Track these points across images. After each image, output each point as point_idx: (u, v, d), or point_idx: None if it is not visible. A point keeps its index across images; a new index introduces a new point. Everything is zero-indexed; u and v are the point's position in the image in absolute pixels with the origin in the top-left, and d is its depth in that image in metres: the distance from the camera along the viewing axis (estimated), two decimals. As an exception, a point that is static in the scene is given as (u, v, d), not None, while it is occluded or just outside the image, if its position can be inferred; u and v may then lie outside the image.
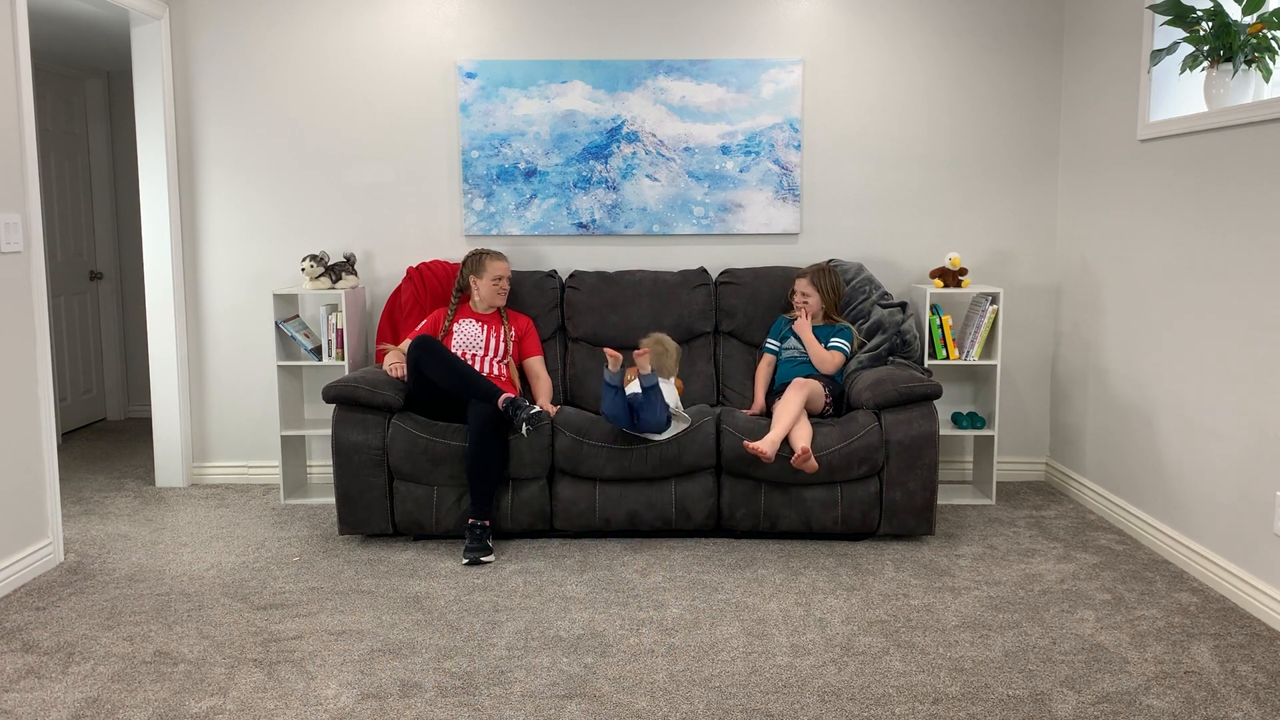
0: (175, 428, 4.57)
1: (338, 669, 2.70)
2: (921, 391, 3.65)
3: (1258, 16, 3.13)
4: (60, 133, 5.68)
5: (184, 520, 4.09)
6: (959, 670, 2.67)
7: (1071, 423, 4.38)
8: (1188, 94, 3.56)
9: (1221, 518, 3.27)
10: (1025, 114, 4.47)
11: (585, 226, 4.51)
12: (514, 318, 4.15)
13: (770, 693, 2.55)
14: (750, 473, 3.64)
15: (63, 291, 5.66)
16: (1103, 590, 3.25)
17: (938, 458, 3.65)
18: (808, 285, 4.10)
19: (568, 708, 2.48)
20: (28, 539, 3.40)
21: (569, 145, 4.45)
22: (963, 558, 3.56)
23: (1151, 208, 3.70)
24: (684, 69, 4.43)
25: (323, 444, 4.63)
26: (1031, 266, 4.54)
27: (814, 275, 4.10)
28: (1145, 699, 2.51)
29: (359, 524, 3.73)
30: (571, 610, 3.09)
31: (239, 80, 4.48)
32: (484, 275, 4.04)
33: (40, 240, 3.45)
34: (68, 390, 5.72)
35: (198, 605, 3.16)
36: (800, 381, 3.78)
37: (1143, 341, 3.75)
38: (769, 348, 4.15)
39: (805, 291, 4.09)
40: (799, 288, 4.12)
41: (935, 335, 4.21)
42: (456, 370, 3.67)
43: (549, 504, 3.71)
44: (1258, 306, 3.07)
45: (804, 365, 4.02)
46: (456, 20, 4.46)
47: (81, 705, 2.51)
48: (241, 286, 4.58)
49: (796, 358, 4.05)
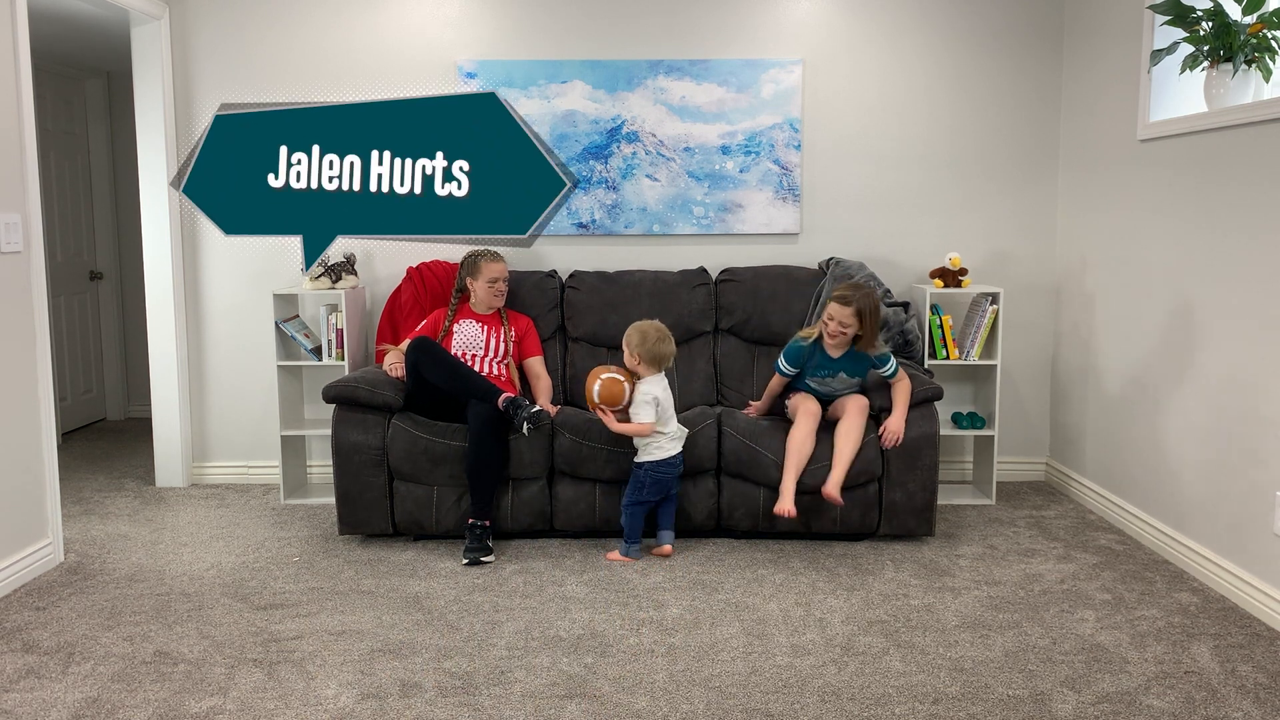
0: (175, 428, 4.57)
1: (338, 669, 2.70)
2: (923, 394, 3.65)
3: (1258, 16, 3.13)
4: (60, 133, 5.67)
5: (184, 520, 4.09)
6: (959, 670, 2.67)
7: (1071, 423, 4.38)
8: (1188, 94, 3.56)
9: (1221, 518, 3.27)
10: (1025, 114, 4.47)
11: (585, 226, 4.51)
12: (514, 318, 4.13)
13: (770, 693, 2.55)
14: (750, 474, 3.64)
15: (63, 291, 5.66)
16: (1103, 590, 3.25)
17: (938, 458, 3.65)
18: (851, 317, 3.47)
19: (568, 708, 2.48)
20: (28, 539, 3.40)
21: (569, 145, 4.45)
22: (963, 558, 3.56)
23: (1151, 208, 3.69)
24: (684, 69, 4.43)
25: (323, 444, 4.63)
26: (1031, 266, 4.54)
27: (860, 300, 3.47)
28: (1145, 699, 2.51)
29: (359, 524, 3.73)
30: (571, 610, 3.09)
31: (239, 80, 4.48)
32: (479, 277, 4.01)
33: (40, 240, 3.45)
34: (68, 390, 5.71)
35: (198, 605, 3.15)
36: (859, 407, 3.55)
37: (1143, 341, 3.75)
38: (784, 371, 3.70)
39: (845, 323, 3.49)
40: (839, 316, 3.49)
41: (935, 335, 4.21)
42: (455, 371, 3.67)
43: (549, 504, 3.71)
44: (1258, 306, 3.07)
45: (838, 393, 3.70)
46: (456, 20, 4.45)
47: (81, 705, 2.51)
48: (241, 286, 4.58)
49: (837, 390, 3.68)
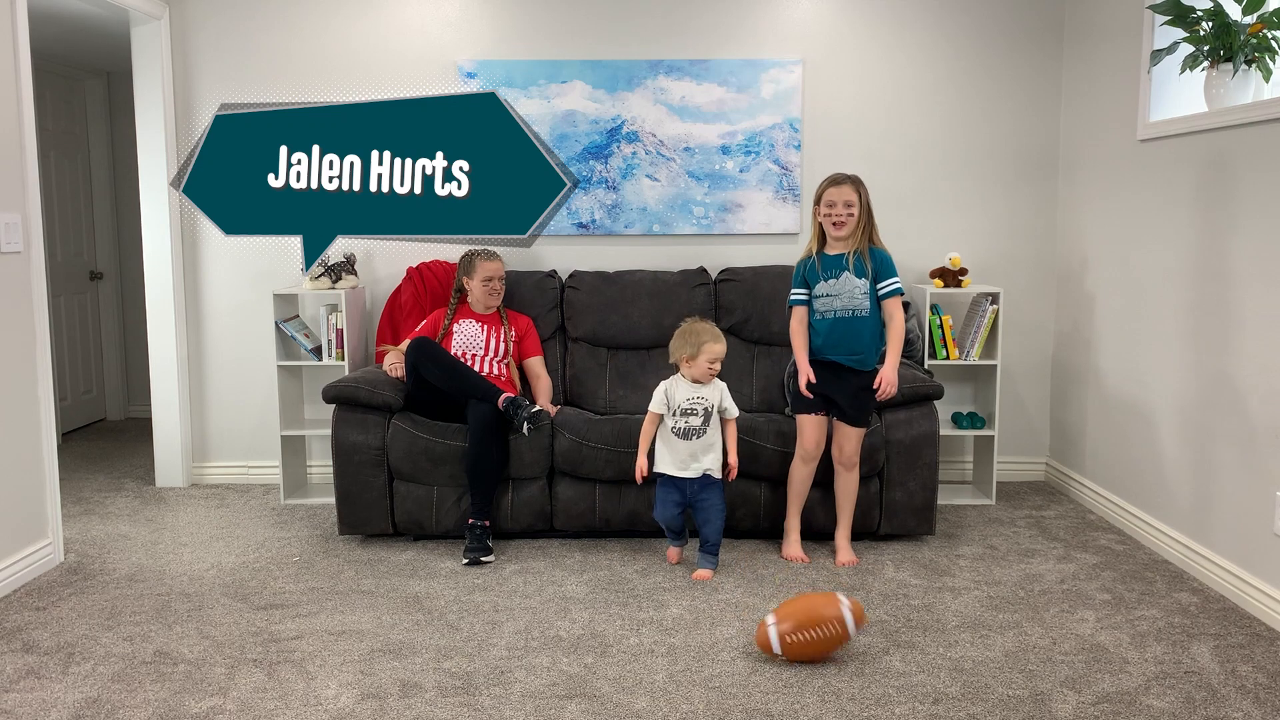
0: (175, 428, 4.57)
1: (338, 669, 2.70)
2: (923, 392, 3.65)
3: (1258, 16, 3.13)
4: (60, 133, 5.67)
5: (184, 520, 4.09)
6: (959, 670, 2.67)
7: (1071, 423, 4.38)
8: (1188, 94, 3.56)
9: (1221, 518, 3.27)
10: (1025, 114, 4.47)
11: (585, 226, 4.51)
12: (514, 318, 4.12)
13: (770, 693, 2.55)
14: (750, 470, 3.63)
15: (63, 291, 5.66)
16: (1103, 590, 3.25)
17: (938, 458, 3.65)
18: (851, 193, 3.34)
19: (568, 708, 2.48)
20: (28, 539, 3.40)
21: (569, 145, 4.45)
22: (963, 558, 3.56)
23: (1151, 208, 3.69)
24: (684, 69, 4.43)
25: (323, 444, 4.62)
26: (1031, 266, 4.54)
27: (854, 183, 3.36)
28: (1145, 699, 2.51)
29: (359, 524, 3.73)
30: (571, 610, 3.09)
31: (239, 80, 4.48)
32: (475, 276, 3.98)
33: (40, 240, 3.45)
34: (68, 390, 5.71)
35: (198, 605, 3.15)
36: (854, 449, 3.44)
37: (1143, 341, 3.75)
38: (797, 298, 3.48)
39: (849, 201, 3.33)
40: (838, 198, 3.33)
41: (935, 335, 4.21)
42: (454, 371, 3.67)
43: (549, 504, 3.71)
44: (1258, 306, 3.07)
45: (845, 320, 3.39)
46: (456, 20, 4.45)
47: (81, 705, 2.51)
48: (241, 286, 4.58)
49: (838, 309, 3.39)
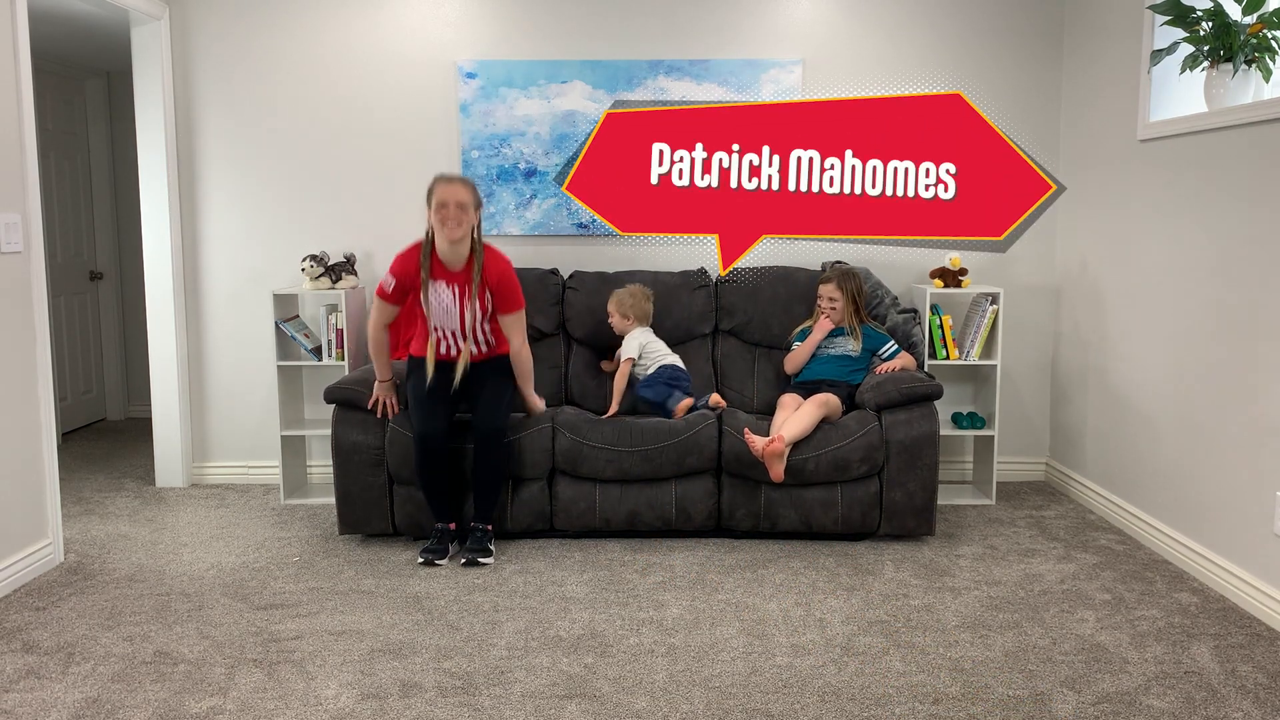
0: (175, 428, 4.57)
1: (338, 669, 2.70)
2: (923, 392, 3.65)
3: (1258, 16, 3.13)
4: (60, 133, 5.67)
5: (184, 520, 4.08)
6: (959, 670, 2.67)
7: (1071, 423, 4.38)
8: (1188, 94, 3.56)
9: (1221, 518, 3.27)
10: (1025, 114, 4.47)
11: (585, 226, 4.51)
12: (488, 265, 3.54)
13: (770, 693, 2.55)
14: (750, 473, 3.63)
15: (63, 291, 5.66)
16: (1103, 590, 3.25)
17: (938, 458, 3.65)
18: (834, 290, 4.01)
19: (568, 708, 2.48)
20: (28, 539, 3.40)
21: (569, 145, 4.45)
22: (963, 558, 3.56)
23: (1151, 208, 3.69)
24: (684, 69, 4.43)
25: (323, 444, 4.62)
26: (1031, 266, 4.54)
27: (840, 279, 4.03)
28: (1145, 699, 2.51)
29: (359, 524, 3.73)
30: (571, 610, 3.09)
31: (239, 80, 4.48)
32: (431, 205, 3.44)
33: (40, 240, 3.45)
34: (68, 390, 5.71)
35: (198, 605, 3.15)
36: (822, 399, 3.71)
37: (1143, 341, 3.75)
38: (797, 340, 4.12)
39: (832, 296, 4.01)
40: (824, 293, 4.04)
41: (935, 335, 4.21)
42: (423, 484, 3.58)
43: (549, 504, 3.71)
44: (1258, 306, 3.07)
45: (834, 363, 3.97)
46: (456, 20, 4.45)
47: (81, 705, 2.51)
48: (241, 286, 4.58)
49: (832, 353, 4.00)
